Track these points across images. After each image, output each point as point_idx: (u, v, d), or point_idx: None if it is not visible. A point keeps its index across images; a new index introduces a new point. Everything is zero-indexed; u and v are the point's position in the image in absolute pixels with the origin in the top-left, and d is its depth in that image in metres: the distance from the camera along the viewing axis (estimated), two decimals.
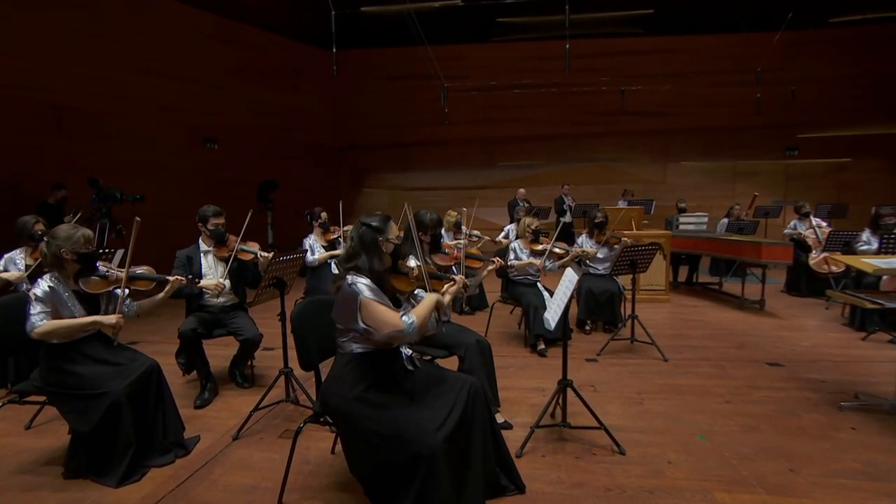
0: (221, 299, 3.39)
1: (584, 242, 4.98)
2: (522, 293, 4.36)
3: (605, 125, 11.22)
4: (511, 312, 5.75)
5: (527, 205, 8.16)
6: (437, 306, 1.95)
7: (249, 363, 3.67)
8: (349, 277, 1.87)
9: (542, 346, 4.16)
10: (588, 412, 2.68)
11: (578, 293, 4.76)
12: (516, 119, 11.61)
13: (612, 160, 11.41)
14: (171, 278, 2.84)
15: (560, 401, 2.69)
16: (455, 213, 5.60)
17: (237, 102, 9.71)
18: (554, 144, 11.61)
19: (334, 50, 7.36)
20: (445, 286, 2.15)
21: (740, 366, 3.82)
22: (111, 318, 2.44)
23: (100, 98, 7.61)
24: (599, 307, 4.72)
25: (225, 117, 9.48)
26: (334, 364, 2.00)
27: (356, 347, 1.91)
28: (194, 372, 3.52)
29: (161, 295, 2.80)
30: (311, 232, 4.93)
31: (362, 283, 1.84)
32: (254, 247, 3.49)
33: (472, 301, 5.82)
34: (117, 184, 6.78)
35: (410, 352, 2.09)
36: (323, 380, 2.03)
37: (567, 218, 9.18)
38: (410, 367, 2.03)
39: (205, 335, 3.32)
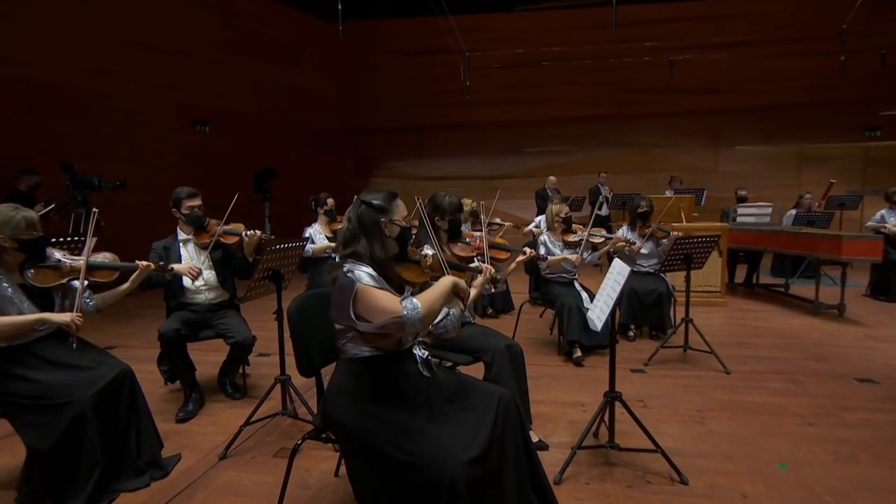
0: (209, 296, 3.35)
1: (625, 235, 4.90)
2: (557, 293, 4.31)
3: (648, 104, 11.02)
4: (541, 315, 5.74)
5: (559, 195, 8.00)
6: (457, 292, 1.83)
7: (241, 370, 3.63)
8: (346, 266, 1.80)
9: (577, 355, 4.12)
10: (640, 432, 2.58)
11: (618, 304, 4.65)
12: (544, 99, 11.47)
13: (655, 145, 11.21)
14: (141, 263, 2.75)
15: (606, 417, 2.60)
16: (469, 202, 5.54)
17: (232, 80, 9.73)
18: (588, 127, 11.44)
19: (340, 22, 7.28)
20: (469, 277, 2.07)
21: (822, 381, 3.69)
22: (64, 317, 2.34)
23: (76, 72, 7.61)
24: (645, 310, 4.65)
25: (218, 97, 9.49)
26: (336, 371, 1.95)
27: (357, 350, 1.83)
28: (179, 381, 3.45)
29: (126, 285, 2.72)
30: (314, 220, 4.92)
31: (362, 271, 1.78)
32: (237, 227, 3.43)
33: (497, 302, 5.76)
34: (95, 169, 6.77)
35: (426, 353, 1.97)
36: (325, 389, 1.97)
37: (604, 211, 9.01)
38: (426, 373, 1.93)
39: (189, 337, 3.27)
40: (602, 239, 4.59)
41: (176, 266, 3.18)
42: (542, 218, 6.82)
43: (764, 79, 10.53)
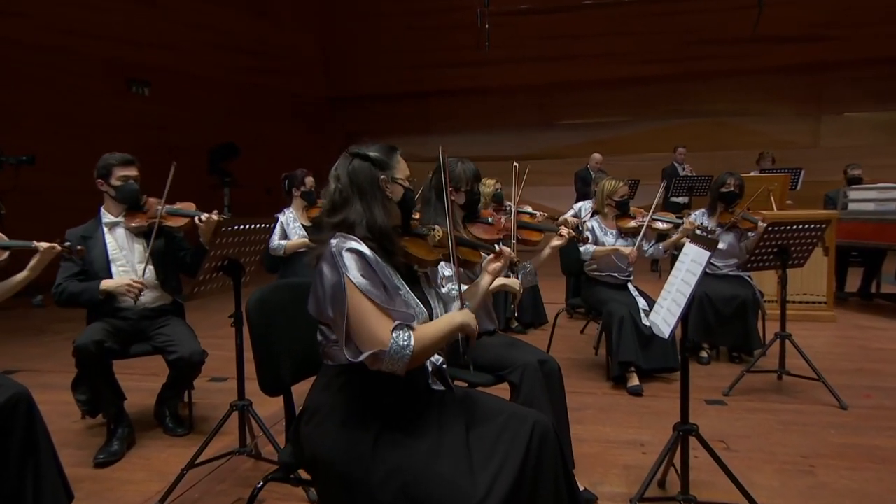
0: (144, 298, 3.34)
1: (700, 222, 4.92)
2: (605, 298, 4.31)
3: (723, 59, 10.99)
4: (583, 331, 5.73)
5: (605, 177, 8.03)
6: (463, 330, 1.89)
7: (186, 398, 3.61)
8: (335, 241, 1.81)
9: (634, 383, 4.11)
10: (725, 482, 2.51)
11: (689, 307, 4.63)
12: (583, 55, 11.47)
13: (734, 113, 11.18)
14: (41, 245, 2.73)
15: (676, 460, 2.53)
16: (492, 182, 5.57)
17: (179, 28, 9.80)
18: (642, 92, 11.45)
19: None
20: (484, 260, 2.12)
21: None
22: None
23: None
24: (724, 323, 4.61)
25: (163, 49, 9.57)
26: (315, 385, 1.94)
27: (349, 354, 1.80)
28: (101, 414, 3.44)
29: (24, 273, 2.72)
30: (288, 205, 4.99)
31: (351, 256, 1.78)
32: (187, 207, 3.42)
33: (525, 313, 5.76)
34: None
35: (440, 360, 1.97)
36: (297, 412, 1.96)
37: (682, 197, 8.90)
38: (438, 387, 1.94)
39: (116, 352, 3.23)
40: (669, 225, 4.53)
41: (108, 283, 3.18)
42: (583, 204, 6.90)
43: (886, 21, 10.37)
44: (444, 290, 2.27)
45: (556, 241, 3.16)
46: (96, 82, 8.88)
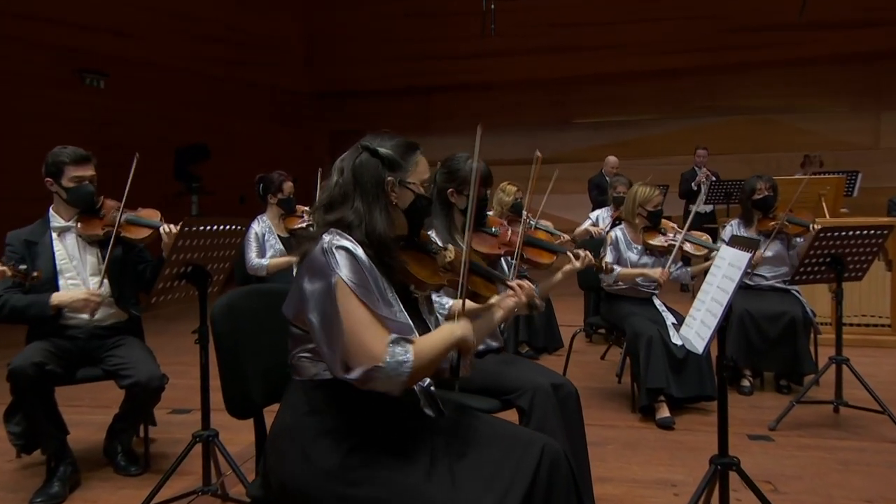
0: (96, 315, 3.32)
1: (735, 233, 4.97)
2: (627, 314, 4.32)
3: (766, 48, 11.02)
4: (604, 356, 5.73)
5: (623, 181, 8.03)
6: (459, 347, 1.90)
7: (142, 432, 3.59)
8: (327, 237, 1.83)
9: (665, 415, 4.10)
10: None
11: (726, 323, 4.60)
12: (606, 44, 11.52)
13: (778, 110, 11.20)
14: None
15: (714, 501, 2.55)
16: (514, 189, 5.62)
17: (145, 13, 9.87)
18: (672, 86, 11.50)
19: None
20: (498, 296, 2.14)
21: None
22: None
23: None
24: (769, 345, 4.61)
25: (121, 36, 9.62)
26: (283, 404, 1.95)
27: (337, 369, 1.80)
28: (38, 451, 3.39)
29: None
30: (262, 212, 5.05)
31: (345, 255, 1.79)
32: (151, 216, 3.42)
33: (536, 336, 5.73)
34: None
35: (427, 381, 1.99)
36: (266, 455, 1.96)
37: (703, 206, 8.92)
38: (429, 412, 1.96)
39: (60, 376, 3.20)
40: (703, 251, 4.53)
41: (61, 297, 3.14)
42: (600, 213, 6.98)
43: None
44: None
45: (568, 267, 3.12)
46: (43, 72, 8.87)
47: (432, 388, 2.03)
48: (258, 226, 4.92)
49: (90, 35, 9.29)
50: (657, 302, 4.39)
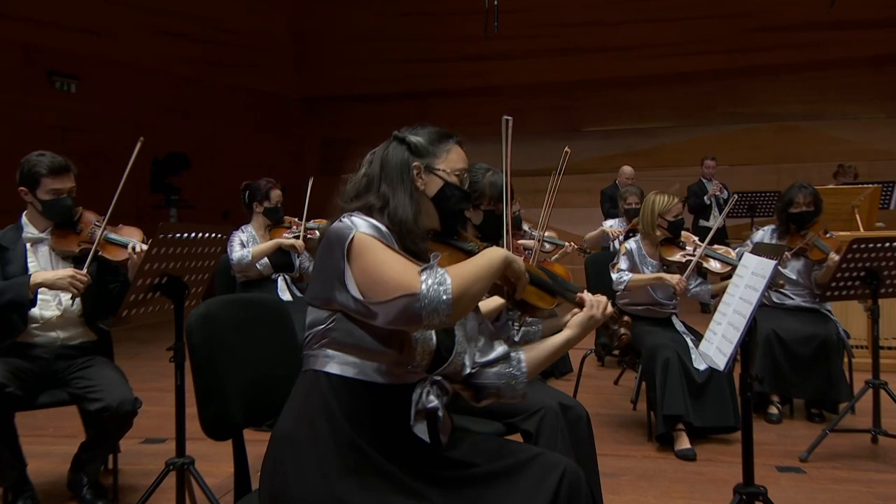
0: (63, 334, 3.36)
1: (766, 240, 4.99)
2: (642, 333, 4.35)
3: (793, 50, 11.03)
4: (617, 381, 5.74)
5: (636, 191, 8.06)
6: (507, 267, 1.88)
7: (110, 463, 3.60)
8: (345, 218, 1.89)
9: (684, 445, 4.09)
10: None
11: (751, 342, 4.60)
12: (615, 46, 11.55)
13: (806, 116, 11.18)
14: None
15: None
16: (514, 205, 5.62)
17: (120, 10, 9.89)
18: (689, 91, 11.52)
19: None
20: (570, 313, 2.09)
21: None
22: None
23: None
24: (799, 369, 4.62)
25: (94, 37, 9.65)
26: (291, 400, 1.94)
27: (339, 363, 1.86)
28: None
29: None
30: (247, 222, 5.16)
31: (364, 223, 1.86)
32: (132, 236, 3.44)
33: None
34: None
35: (434, 402, 1.91)
36: (268, 447, 1.95)
37: (714, 220, 8.92)
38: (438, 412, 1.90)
39: (20, 400, 3.19)
40: (726, 268, 4.54)
41: (43, 276, 3.12)
42: (614, 222, 7.05)
43: None
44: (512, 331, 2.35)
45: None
46: (10, 75, 8.89)
47: (438, 409, 1.96)
48: (242, 234, 4.98)
49: (61, 34, 9.32)
50: (676, 322, 4.40)
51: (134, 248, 3.30)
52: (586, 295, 2.08)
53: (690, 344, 4.21)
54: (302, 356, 1.94)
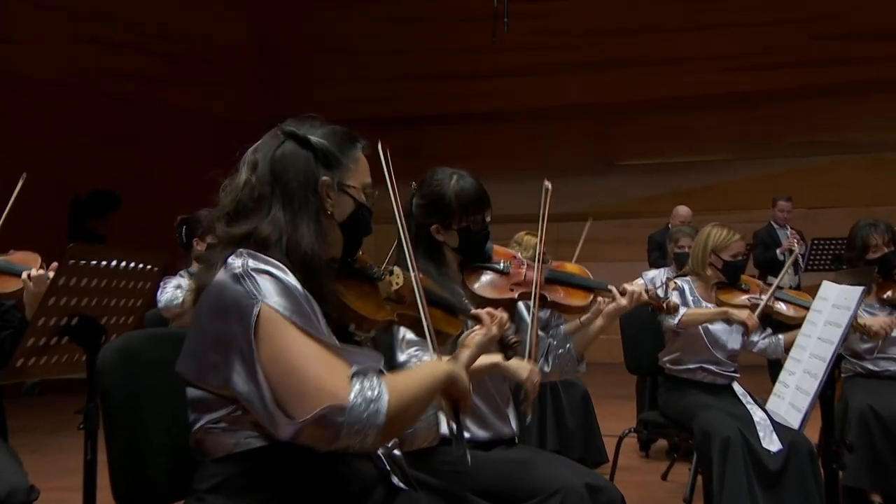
0: None
1: None
2: (695, 406, 4.35)
3: (882, 63, 11.15)
4: (665, 475, 5.78)
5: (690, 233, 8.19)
6: (451, 384, 1.98)
7: None
8: (238, 261, 1.84)
9: None
10: None
11: (843, 416, 4.62)
12: (657, 60, 11.72)
13: None
14: None
15: None
16: (534, 241, 5.76)
17: (34, 12, 10.05)
18: (753, 116, 11.66)
19: None
20: (467, 332, 2.21)
21: None
22: None
23: None
24: None
25: (4, 45, 9.79)
26: (189, 497, 1.97)
27: (240, 439, 1.88)
28: None
29: None
30: (186, 262, 5.19)
31: (268, 280, 1.80)
32: (26, 260, 3.51)
33: (568, 438, 5.68)
34: None
35: (391, 444, 2.04)
36: None
37: (787, 276, 8.92)
38: (399, 482, 1.98)
39: None
40: (801, 312, 4.56)
41: None
42: (657, 273, 7.08)
43: None
44: (402, 358, 2.47)
45: (612, 306, 3.14)
46: None
47: (396, 452, 2.05)
48: (176, 280, 5.04)
49: None
50: (738, 389, 4.40)
51: (29, 276, 3.33)
52: (482, 311, 2.21)
53: (757, 417, 4.14)
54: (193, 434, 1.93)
